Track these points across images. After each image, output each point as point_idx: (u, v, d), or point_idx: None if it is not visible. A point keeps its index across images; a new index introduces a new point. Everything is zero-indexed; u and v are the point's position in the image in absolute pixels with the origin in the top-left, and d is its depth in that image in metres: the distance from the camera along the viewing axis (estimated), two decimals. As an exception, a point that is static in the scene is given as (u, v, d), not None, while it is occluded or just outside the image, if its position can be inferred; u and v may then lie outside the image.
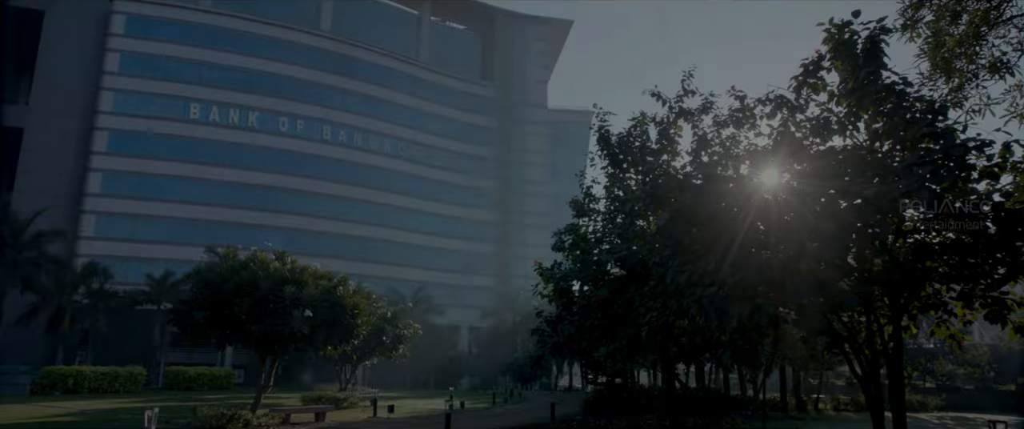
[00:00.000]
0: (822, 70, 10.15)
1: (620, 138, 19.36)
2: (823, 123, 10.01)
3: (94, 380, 44.13)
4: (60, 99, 71.49)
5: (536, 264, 19.70)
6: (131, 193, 72.23)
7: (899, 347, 9.86)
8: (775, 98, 10.49)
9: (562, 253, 19.54)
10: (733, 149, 14.08)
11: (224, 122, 77.74)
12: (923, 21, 10.08)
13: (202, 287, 22.12)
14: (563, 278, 18.80)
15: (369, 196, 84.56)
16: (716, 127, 15.79)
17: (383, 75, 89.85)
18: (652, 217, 14.13)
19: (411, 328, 39.70)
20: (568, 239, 19.32)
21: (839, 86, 10.02)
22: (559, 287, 18.84)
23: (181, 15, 78.74)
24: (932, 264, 9.27)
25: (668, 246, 10.99)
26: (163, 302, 58.28)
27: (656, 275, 13.59)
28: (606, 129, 19.44)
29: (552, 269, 19.46)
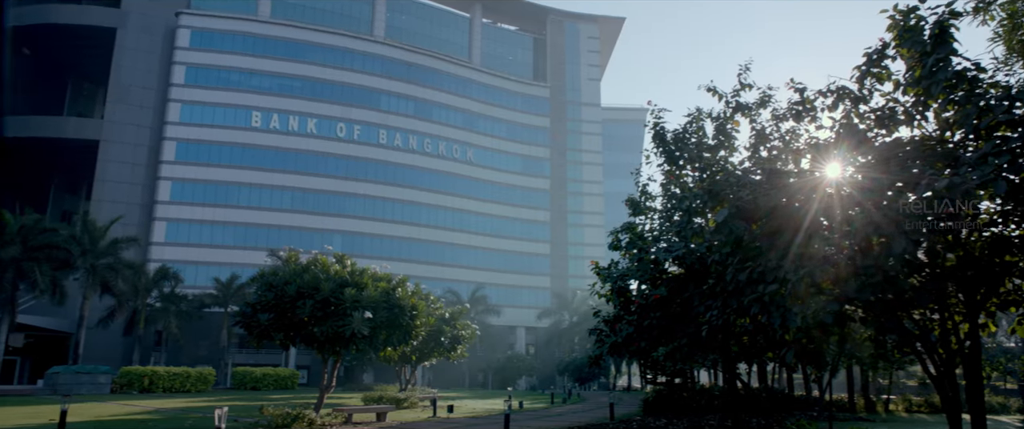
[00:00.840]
0: (886, 59, 9.79)
1: (676, 135, 19.09)
2: (889, 114, 9.66)
3: (168, 380, 45.94)
4: (132, 112, 74.71)
5: (593, 264, 19.57)
6: (198, 200, 74.91)
7: (976, 346, 9.43)
8: (836, 89, 10.17)
9: (619, 252, 19.36)
10: (793, 143, 13.72)
11: (284, 129, 79.89)
12: (996, 3, 9.62)
13: (266, 290, 22.72)
14: (620, 277, 18.62)
15: (425, 198, 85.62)
16: (775, 121, 15.42)
17: (436, 78, 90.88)
18: (710, 214, 13.89)
19: (469, 329, 39.96)
20: (624, 238, 19.13)
21: (905, 75, 9.65)
22: (616, 286, 18.66)
23: (242, 26, 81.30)
24: (1011, 259, 8.83)
25: (727, 243, 10.78)
26: (230, 305, 60.30)
27: (715, 273, 13.35)
28: (661, 126, 19.19)
29: (609, 268, 19.31)
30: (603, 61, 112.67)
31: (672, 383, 32.46)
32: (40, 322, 59.95)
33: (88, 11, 79.29)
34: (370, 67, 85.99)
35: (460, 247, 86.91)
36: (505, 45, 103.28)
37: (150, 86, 76.05)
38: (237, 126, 78.15)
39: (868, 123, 9.84)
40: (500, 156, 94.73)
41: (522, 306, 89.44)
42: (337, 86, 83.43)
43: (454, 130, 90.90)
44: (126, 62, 75.67)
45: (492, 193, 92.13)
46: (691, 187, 18.12)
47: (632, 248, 18.78)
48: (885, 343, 18.58)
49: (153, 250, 71.17)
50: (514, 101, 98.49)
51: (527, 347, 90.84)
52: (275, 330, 22.57)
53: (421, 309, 24.41)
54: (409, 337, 24.58)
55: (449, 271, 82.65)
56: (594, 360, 21.35)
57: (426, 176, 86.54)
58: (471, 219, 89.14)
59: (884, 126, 9.64)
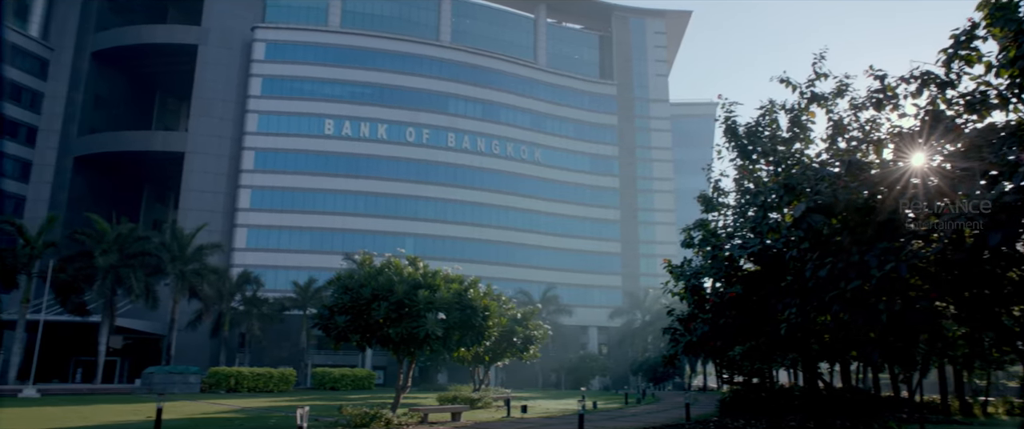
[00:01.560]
0: (976, 40, 9.25)
1: (748, 128, 18.58)
2: (980, 98, 9.13)
3: (251, 380, 47.79)
4: (213, 123, 78.13)
5: (666, 262, 19.25)
6: (276, 206, 77.66)
7: (1083, 343, 8.80)
8: (921, 75, 9.68)
9: (691, 249, 19.01)
10: (873, 133, 13.16)
11: (355, 135, 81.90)
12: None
13: (342, 293, 23.33)
14: (694, 275, 18.24)
15: (495, 200, 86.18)
16: (853, 111, 14.83)
17: (503, 80, 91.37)
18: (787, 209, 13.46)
19: (540, 329, 39.97)
20: (697, 235, 18.76)
21: (998, 56, 9.09)
22: (690, 284, 18.30)
23: (313, 37, 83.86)
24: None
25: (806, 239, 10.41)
26: (308, 307, 62.25)
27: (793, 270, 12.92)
28: (732, 120, 18.72)
29: (682, 266, 18.96)
30: (670, 56, 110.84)
31: (750, 383, 31.61)
32: (136, 325, 63.44)
33: (173, 30, 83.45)
34: (437, 71, 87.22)
35: (531, 247, 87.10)
36: (570, 44, 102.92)
37: (229, 98, 79.34)
38: (311, 134, 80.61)
39: (957, 109, 9.33)
40: (568, 156, 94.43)
41: (594, 306, 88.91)
42: (406, 91, 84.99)
43: (522, 131, 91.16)
44: (207, 76, 79.19)
45: (561, 193, 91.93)
46: (765, 181, 17.60)
47: (705, 245, 18.40)
48: (981, 341, 17.57)
49: (235, 255, 74.15)
50: (581, 100, 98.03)
51: (599, 347, 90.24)
52: (352, 332, 23.13)
53: (493, 310, 24.56)
54: (482, 338, 24.76)
55: (520, 271, 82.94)
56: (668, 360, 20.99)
57: (495, 177, 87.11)
58: (541, 219, 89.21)
59: (975, 111, 9.11)
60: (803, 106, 17.12)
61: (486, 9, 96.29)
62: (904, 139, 9.78)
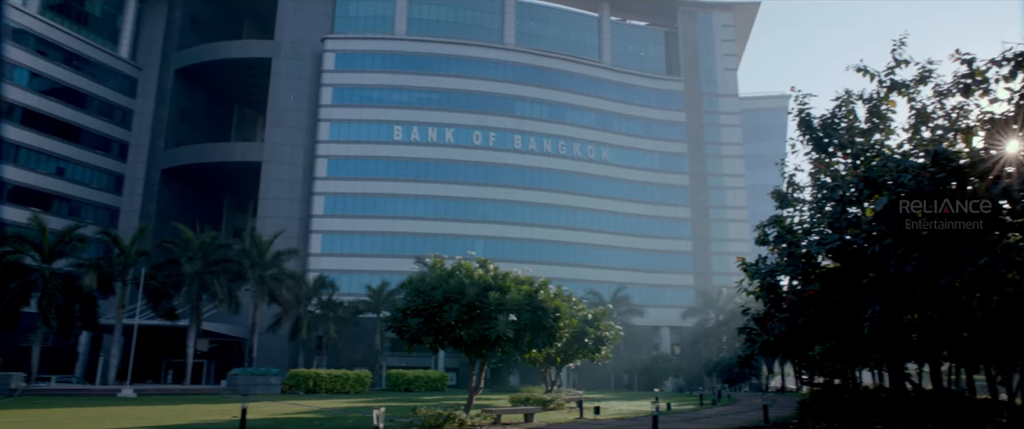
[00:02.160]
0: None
1: (823, 120, 17.96)
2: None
3: (329, 382, 49.16)
4: (288, 133, 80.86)
5: (740, 260, 18.80)
6: (349, 212, 79.70)
7: None
8: (1015, 56, 9.14)
9: (766, 247, 18.48)
10: (961, 120, 12.48)
11: (423, 140, 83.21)
12: None
13: (414, 296, 23.71)
14: (769, 273, 17.75)
15: (563, 200, 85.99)
16: (937, 98, 14.12)
17: (568, 80, 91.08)
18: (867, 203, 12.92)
19: (612, 330, 39.62)
20: (772, 232, 18.22)
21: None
22: (765, 283, 17.81)
23: (381, 45, 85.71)
24: None
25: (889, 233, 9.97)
26: (381, 310, 63.58)
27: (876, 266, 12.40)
28: (807, 112, 18.13)
29: (756, 264, 18.47)
30: (739, 49, 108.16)
31: (831, 384, 30.48)
32: (220, 329, 66.24)
33: (248, 45, 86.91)
34: (502, 74, 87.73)
35: (600, 248, 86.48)
36: (635, 41, 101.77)
37: (302, 108, 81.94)
38: (380, 140, 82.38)
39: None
40: (636, 154, 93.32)
41: (665, 306, 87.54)
42: (472, 95, 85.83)
43: (588, 131, 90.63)
44: (281, 88, 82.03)
45: (630, 192, 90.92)
46: (843, 175, 16.93)
47: (780, 242, 17.86)
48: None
49: (311, 260, 76.45)
50: (648, 97, 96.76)
51: (672, 347, 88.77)
52: (424, 334, 23.48)
53: (564, 311, 24.49)
54: (553, 339, 24.73)
55: (590, 272, 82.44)
56: (744, 360, 20.47)
57: (563, 178, 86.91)
58: (610, 219, 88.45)
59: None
60: (882, 95, 16.41)
61: (550, 10, 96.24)
62: (996, 126, 9.25)
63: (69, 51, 78.48)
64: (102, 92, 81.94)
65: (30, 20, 74.47)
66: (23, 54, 73.36)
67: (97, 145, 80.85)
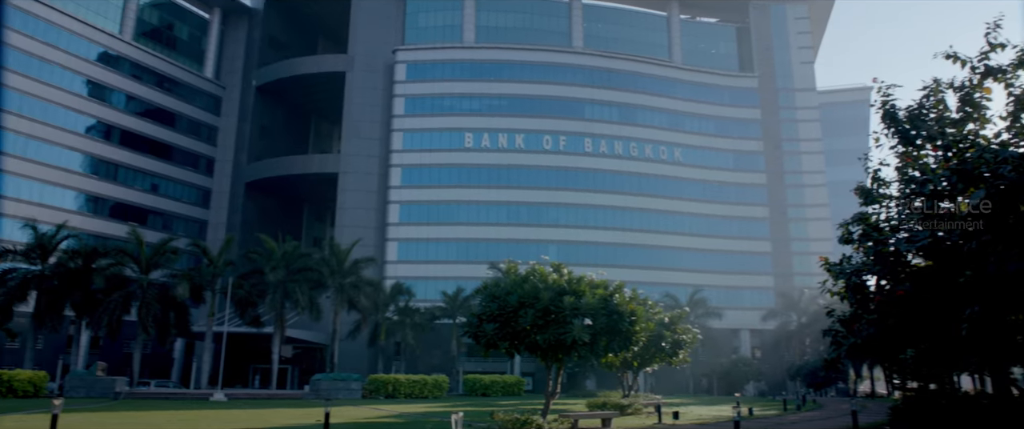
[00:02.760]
0: None
1: (910, 112, 17.09)
2: None
3: (408, 387, 50.08)
4: (363, 144, 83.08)
5: (822, 260, 18.14)
6: (423, 220, 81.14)
7: None
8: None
9: (850, 246, 17.74)
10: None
11: (494, 147, 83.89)
12: None
13: (489, 301, 23.89)
14: (855, 273, 17.06)
15: (636, 203, 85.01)
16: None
17: (638, 81, 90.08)
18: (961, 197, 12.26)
19: (689, 333, 38.85)
20: (856, 230, 17.48)
21: None
22: (851, 283, 17.12)
23: (450, 55, 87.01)
24: None
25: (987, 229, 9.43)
26: (457, 316, 64.36)
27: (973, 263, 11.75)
28: (891, 104, 17.30)
29: (841, 263, 17.78)
30: (815, 42, 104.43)
31: (926, 389, 28.95)
32: (303, 335, 68.50)
33: (323, 60, 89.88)
34: (571, 78, 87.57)
35: (675, 250, 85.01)
36: (706, 39, 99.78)
37: (376, 119, 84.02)
38: (452, 148, 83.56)
39: None
40: (710, 153, 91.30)
41: (744, 308, 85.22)
42: (541, 100, 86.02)
43: (660, 131, 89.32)
44: (355, 100, 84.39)
45: (704, 192, 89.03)
46: (934, 168, 16.09)
47: (866, 241, 17.12)
48: None
49: (388, 268, 78.15)
50: (720, 95, 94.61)
51: (752, 351, 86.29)
52: (500, 339, 23.60)
53: (640, 314, 24.19)
54: (629, 343, 24.45)
55: (665, 275, 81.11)
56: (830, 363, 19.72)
57: (635, 180, 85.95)
58: (684, 220, 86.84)
59: None
60: (976, 82, 15.52)
61: (617, 11, 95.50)
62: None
63: (160, 74, 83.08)
64: (190, 111, 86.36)
65: (126, 47, 79.26)
66: (120, 79, 78.12)
67: (186, 161, 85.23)
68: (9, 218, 62.26)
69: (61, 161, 70.86)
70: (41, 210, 65.13)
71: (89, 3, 77.05)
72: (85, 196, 73.76)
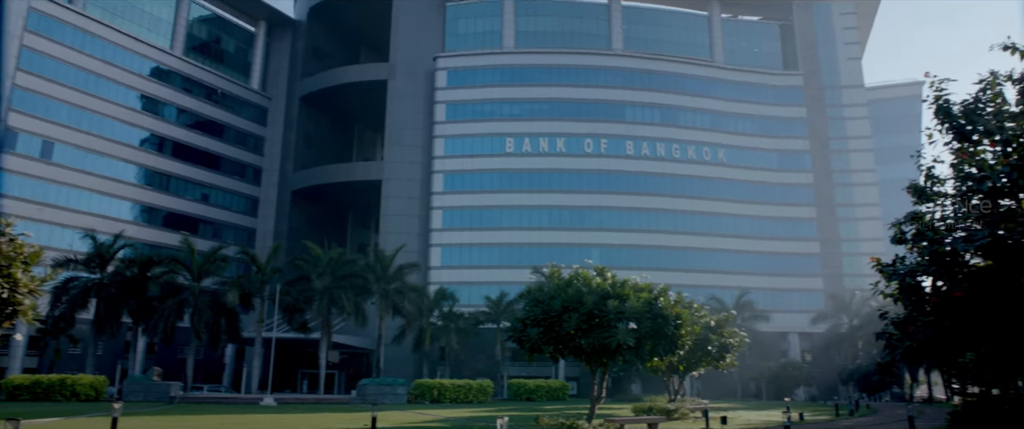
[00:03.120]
0: None
1: (965, 106, 16.55)
2: None
3: (453, 391, 50.34)
4: (405, 151, 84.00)
5: (874, 260, 17.66)
6: (466, 225, 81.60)
7: None
8: None
9: (903, 246, 17.23)
10: None
11: (535, 151, 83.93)
12: None
13: (533, 306, 23.91)
14: (909, 273, 16.55)
15: (680, 205, 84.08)
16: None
17: (679, 82, 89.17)
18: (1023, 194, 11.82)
19: (736, 336, 38.24)
20: (909, 229, 16.98)
21: None
22: (904, 284, 16.62)
23: (490, 61, 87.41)
24: None
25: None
26: (501, 321, 64.44)
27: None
28: (945, 98, 16.78)
29: (893, 264, 17.26)
30: (862, 37, 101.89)
31: (987, 394, 27.91)
32: (349, 341, 69.48)
33: (365, 69, 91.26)
34: (612, 81, 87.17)
35: (720, 252, 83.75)
36: (748, 38, 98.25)
37: (418, 126, 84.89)
38: (493, 153, 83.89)
39: None
40: (754, 154, 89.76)
41: (793, 310, 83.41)
42: (581, 104, 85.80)
43: (703, 132, 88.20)
44: (397, 107, 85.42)
45: (749, 193, 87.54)
46: (993, 164, 15.54)
47: (920, 240, 16.62)
48: None
49: (431, 273, 78.77)
50: (764, 94, 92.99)
51: (802, 354, 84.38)
52: (544, 343, 23.60)
53: (685, 318, 23.92)
54: (675, 347, 24.19)
55: (710, 277, 79.92)
56: (884, 367, 19.20)
57: (678, 182, 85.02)
58: (729, 222, 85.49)
59: None
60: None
61: (657, 12, 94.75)
62: None
63: (209, 87, 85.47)
64: (237, 122, 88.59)
65: (176, 61, 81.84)
66: (171, 92, 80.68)
67: (235, 171, 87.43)
68: (70, 228, 64.70)
69: (117, 173, 73.43)
70: (99, 221, 67.54)
71: (142, 20, 79.77)
72: (140, 206, 76.20)
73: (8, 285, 16.85)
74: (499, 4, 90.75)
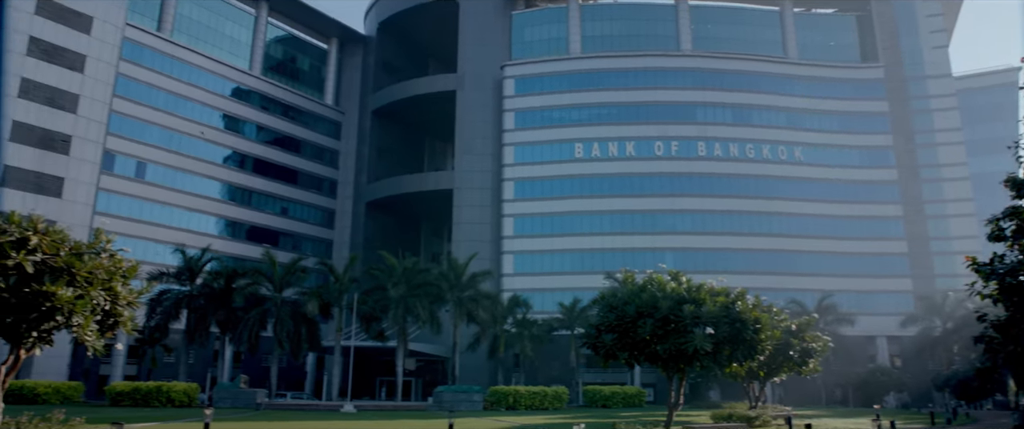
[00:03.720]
0: None
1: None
2: None
3: (528, 398, 50.38)
4: (475, 160, 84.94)
5: (969, 259, 16.76)
6: (537, 232, 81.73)
7: None
8: None
9: (1002, 243, 16.30)
10: None
11: (605, 156, 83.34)
12: None
13: (607, 311, 23.76)
14: (1009, 272, 15.65)
15: (755, 206, 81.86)
16: None
17: (751, 81, 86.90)
18: None
19: (820, 341, 36.88)
20: (1009, 225, 16.06)
21: None
22: (1005, 284, 15.71)
23: (557, 67, 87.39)
24: None
25: None
26: (575, 327, 64.19)
27: None
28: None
29: (991, 263, 16.35)
30: (949, 23, 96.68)
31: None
32: (424, 349, 70.58)
33: (434, 80, 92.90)
34: (681, 82, 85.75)
35: (799, 253, 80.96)
36: (823, 31, 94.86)
37: (487, 135, 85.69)
38: (563, 159, 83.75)
39: None
40: (833, 151, 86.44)
41: (879, 313, 79.71)
42: (651, 106, 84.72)
43: (778, 131, 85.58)
44: (466, 117, 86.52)
45: (829, 192, 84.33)
46: (1100, 154, 14.51)
47: (1021, 237, 15.67)
48: None
49: (504, 281, 79.17)
50: (842, 89, 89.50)
51: (891, 359, 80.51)
52: (619, 350, 23.41)
53: (765, 322, 23.27)
54: (754, 352, 23.56)
55: (789, 280, 77.34)
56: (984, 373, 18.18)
57: (753, 183, 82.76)
58: (808, 222, 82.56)
59: None
60: None
61: (727, 10, 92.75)
62: None
63: (286, 104, 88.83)
64: (313, 137, 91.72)
65: (255, 81, 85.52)
66: (251, 111, 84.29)
67: (311, 185, 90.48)
68: (162, 243, 68.33)
69: (203, 190, 77.17)
70: (188, 235, 71.16)
71: (223, 43, 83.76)
72: (224, 221, 79.73)
73: (110, 298, 17.93)
74: (565, 10, 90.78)
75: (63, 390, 47.91)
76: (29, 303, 16.41)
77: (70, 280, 16.98)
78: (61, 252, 17.33)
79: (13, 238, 16.66)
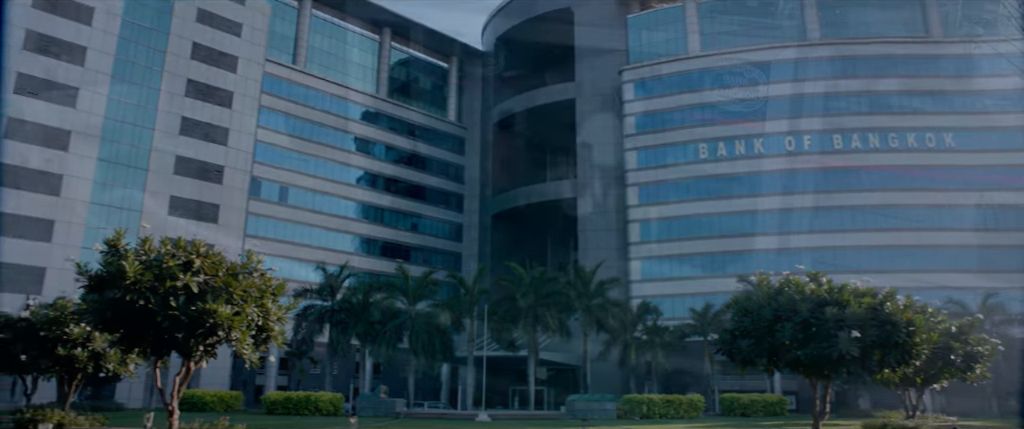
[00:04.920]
0: None
1: None
2: None
3: (662, 407, 49.36)
4: (597, 167, 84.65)
5: None
6: (663, 236, 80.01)
7: None
8: None
9: None
10: None
11: (731, 155, 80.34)
12: None
13: (742, 316, 22.90)
14: None
15: (899, 199, 75.83)
16: None
17: (889, 65, 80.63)
18: None
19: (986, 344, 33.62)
20: None
21: None
22: None
23: (674, 67, 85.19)
24: None
25: None
26: (708, 333, 62.23)
27: None
28: None
29: None
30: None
31: None
32: (555, 358, 70.83)
33: (552, 90, 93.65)
34: (810, 73, 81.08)
35: (953, 248, 73.91)
36: (969, 4, 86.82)
37: (608, 141, 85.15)
38: (686, 161, 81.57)
39: None
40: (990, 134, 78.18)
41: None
42: (778, 101, 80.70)
43: (923, 117, 78.50)
44: (586, 124, 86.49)
45: (986, 179, 76.33)
46: None
47: None
48: None
49: (632, 287, 78.04)
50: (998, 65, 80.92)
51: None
52: (756, 355, 22.50)
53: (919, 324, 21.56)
54: (908, 356, 21.88)
55: (943, 278, 70.77)
56: None
57: (896, 175, 76.73)
58: (964, 214, 75.23)
59: None
60: None
61: None
62: None
63: (411, 124, 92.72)
64: (438, 153, 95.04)
65: (382, 104, 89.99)
66: (380, 132, 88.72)
67: (438, 200, 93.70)
68: (303, 262, 73.02)
69: (339, 210, 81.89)
70: (327, 254, 75.54)
71: (350, 70, 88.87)
72: (360, 238, 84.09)
73: (262, 314, 19.42)
74: (681, 9, 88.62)
75: (226, 399, 52.18)
76: (195, 320, 18.06)
77: (228, 298, 18.56)
78: (219, 273, 18.98)
79: (181, 261, 18.44)
